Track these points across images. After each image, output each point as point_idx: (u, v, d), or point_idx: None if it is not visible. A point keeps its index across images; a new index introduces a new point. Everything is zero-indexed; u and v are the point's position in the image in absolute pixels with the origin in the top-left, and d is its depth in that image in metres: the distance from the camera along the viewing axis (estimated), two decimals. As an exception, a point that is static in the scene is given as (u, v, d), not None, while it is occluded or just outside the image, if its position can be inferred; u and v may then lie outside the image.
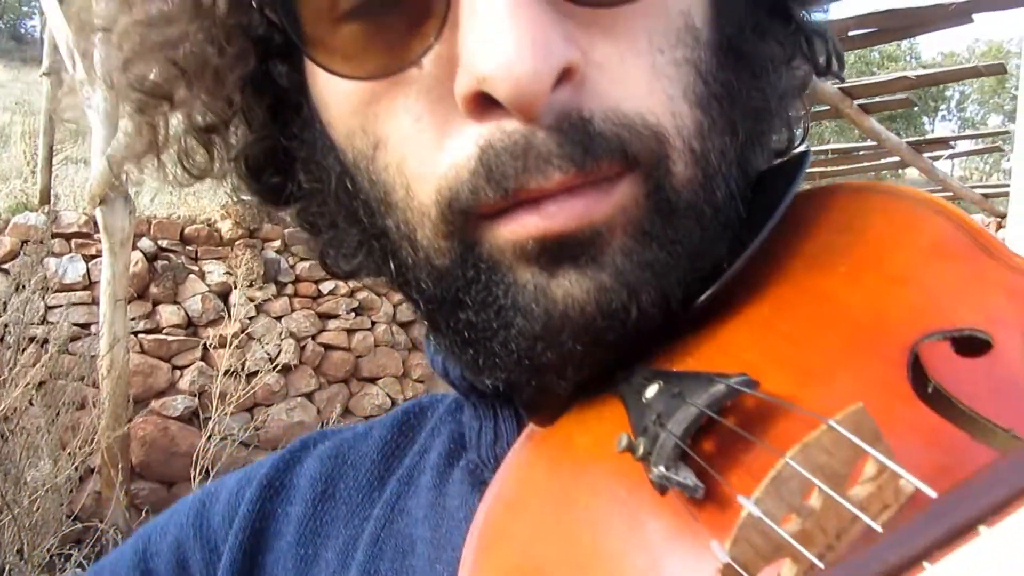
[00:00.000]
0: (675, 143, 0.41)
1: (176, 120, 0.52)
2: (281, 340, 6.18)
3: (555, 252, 0.40)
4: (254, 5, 0.44)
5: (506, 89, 0.37)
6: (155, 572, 0.61)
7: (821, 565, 0.26)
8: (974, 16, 4.85)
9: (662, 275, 0.41)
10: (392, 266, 0.47)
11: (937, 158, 8.08)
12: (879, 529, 0.26)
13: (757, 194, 0.47)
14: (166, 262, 5.90)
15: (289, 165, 0.52)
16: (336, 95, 0.44)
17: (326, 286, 6.54)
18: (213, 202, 6.15)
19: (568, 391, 0.45)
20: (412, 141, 0.42)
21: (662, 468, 0.32)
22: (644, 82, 0.40)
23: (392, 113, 0.42)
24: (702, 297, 0.43)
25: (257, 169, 0.53)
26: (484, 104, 0.38)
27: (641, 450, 0.34)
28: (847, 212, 0.45)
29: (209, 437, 4.77)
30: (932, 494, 0.25)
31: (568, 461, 0.42)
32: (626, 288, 0.40)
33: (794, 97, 0.53)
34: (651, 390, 0.38)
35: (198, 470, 4.67)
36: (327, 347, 6.57)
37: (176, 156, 0.53)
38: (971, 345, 0.34)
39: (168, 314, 5.86)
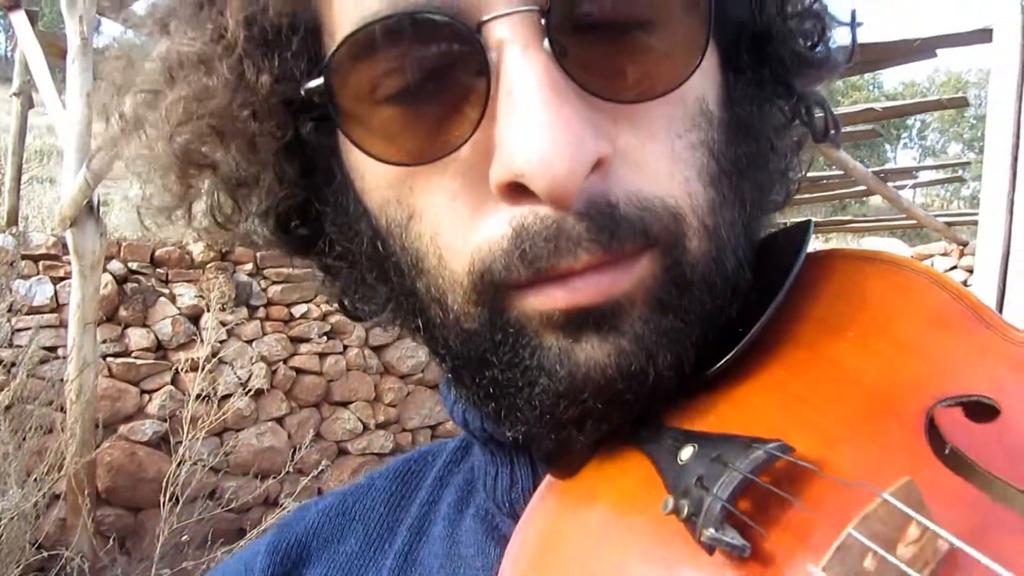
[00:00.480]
0: (691, 221, 0.44)
1: (208, 177, 0.54)
2: (252, 364, 6.12)
3: (579, 321, 0.43)
4: (298, 89, 0.47)
5: (543, 185, 0.39)
6: None
7: None
8: (937, 51, 5.00)
9: (677, 341, 0.44)
10: (420, 323, 0.49)
11: (902, 187, 8.25)
12: None
13: (763, 259, 0.50)
14: (136, 284, 5.83)
15: (317, 219, 0.54)
16: (372, 167, 0.47)
17: (298, 309, 6.50)
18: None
19: (586, 444, 0.47)
20: (447, 216, 0.44)
21: (712, 530, 0.34)
22: (664, 167, 0.44)
23: (428, 189, 0.45)
24: (716, 366, 0.45)
25: (286, 222, 0.55)
26: (517, 189, 0.41)
27: (686, 511, 0.36)
28: (847, 279, 0.48)
29: (180, 463, 4.69)
30: (977, 555, 0.28)
31: (595, 515, 0.44)
32: (644, 352, 0.43)
33: (792, 157, 0.57)
34: (686, 452, 0.40)
35: (167, 496, 4.59)
36: (299, 371, 6.51)
37: (207, 208, 0.55)
38: (981, 411, 0.37)
39: (137, 337, 5.78)
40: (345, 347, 6.74)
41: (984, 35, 4.15)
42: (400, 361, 6.91)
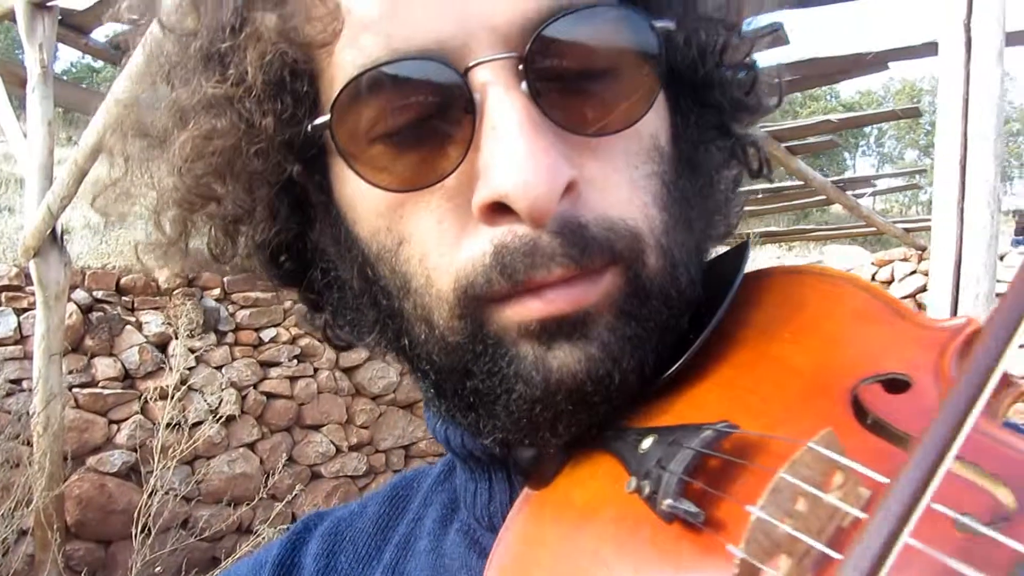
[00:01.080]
0: (649, 240, 0.50)
1: (205, 214, 0.58)
2: (222, 390, 6.07)
3: (553, 330, 0.48)
4: (299, 129, 0.52)
5: (525, 204, 0.45)
6: None
7: (827, 550, 0.34)
8: (889, 64, 5.14)
9: (638, 346, 0.49)
10: (406, 342, 0.54)
11: (860, 195, 8.44)
12: (862, 515, 0.34)
13: (710, 276, 0.56)
14: (101, 314, 5.76)
15: (304, 253, 0.59)
16: (365, 200, 0.52)
17: (267, 334, 6.46)
18: (150, 251, 6.01)
19: (559, 447, 0.51)
20: (434, 238, 0.50)
21: (670, 500, 0.39)
22: (625, 193, 0.50)
23: (416, 215, 0.50)
24: (672, 369, 0.51)
25: (277, 255, 0.59)
26: (498, 211, 0.47)
27: (647, 490, 0.41)
28: (784, 290, 0.55)
29: (151, 493, 4.63)
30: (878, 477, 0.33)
31: (570, 516, 0.48)
32: (610, 358, 0.48)
33: (732, 191, 0.63)
34: (647, 442, 0.45)
35: (139, 527, 4.54)
36: (269, 395, 6.47)
37: (204, 244, 0.60)
38: (896, 385, 0.43)
39: (104, 367, 5.71)
40: (316, 370, 6.72)
41: (931, 48, 4.27)
42: (371, 382, 6.89)
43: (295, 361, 6.57)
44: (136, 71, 0.58)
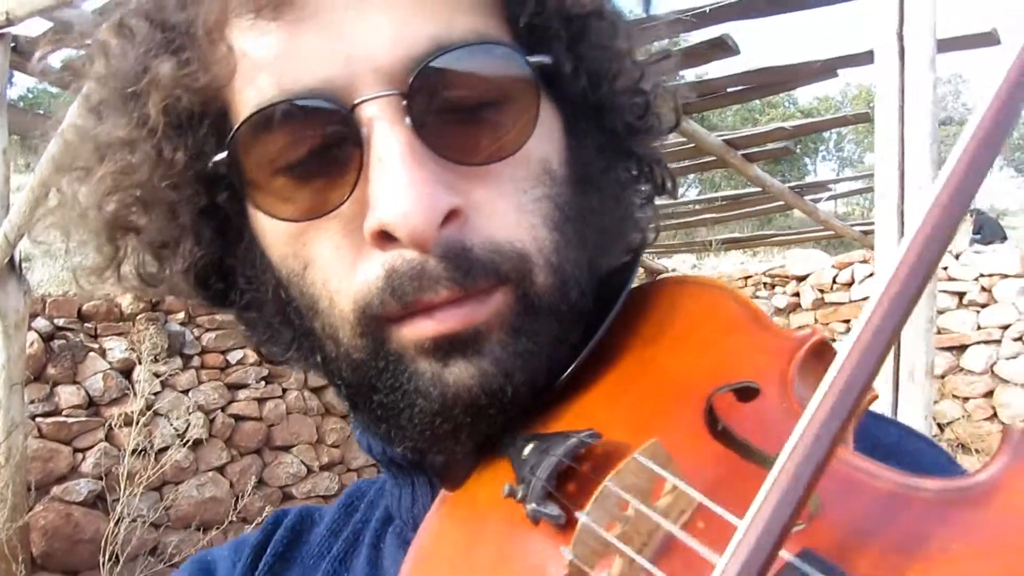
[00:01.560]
0: (537, 260, 0.53)
1: (133, 240, 0.62)
2: (189, 414, 6.03)
3: (447, 347, 0.52)
4: (208, 163, 0.55)
5: (404, 233, 0.49)
6: None
7: (640, 559, 0.37)
8: (839, 71, 5.27)
9: (530, 360, 0.53)
10: (319, 359, 0.58)
11: (818, 200, 8.60)
12: (682, 533, 0.37)
13: (608, 289, 0.60)
14: (63, 341, 5.70)
15: (231, 275, 0.62)
16: (272, 228, 0.56)
17: (234, 356, 6.43)
18: (112, 277, 5.96)
19: (465, 454, 0.55)
20: (333, 264, 0.53)
21: (534, 504, 0.43)
22: (512, 217, 0.53)
23: (317, 242, 0.54)
24: (561, 378, 0.55)
25: (204, 277, 0.63)
26: (386, 237, 0.50)
27: (520, 494, 0.45)
28: (669, 300, 0.59)
29: (118, 521, 4.58)
30: (707, 501, 0.36)
31: (474, 516, 0.52)
32: (503, 372, 0.52)
33: (642, 209, 0.67)
34: (528, 449, 0.49)
35: (107, 556, 4.49)
36: (238, 418, 6.43)
37: (134, 268, 0.63)
38: (747, 393, 0.46)
39: (67, 395, 5.65)
40: (284, 390, 6.69)
41: (871, 56, 4.39)
42: (341, 401, 6.86)
43: (263, 382, 6.54)
44: (78, 107, 0.62)
